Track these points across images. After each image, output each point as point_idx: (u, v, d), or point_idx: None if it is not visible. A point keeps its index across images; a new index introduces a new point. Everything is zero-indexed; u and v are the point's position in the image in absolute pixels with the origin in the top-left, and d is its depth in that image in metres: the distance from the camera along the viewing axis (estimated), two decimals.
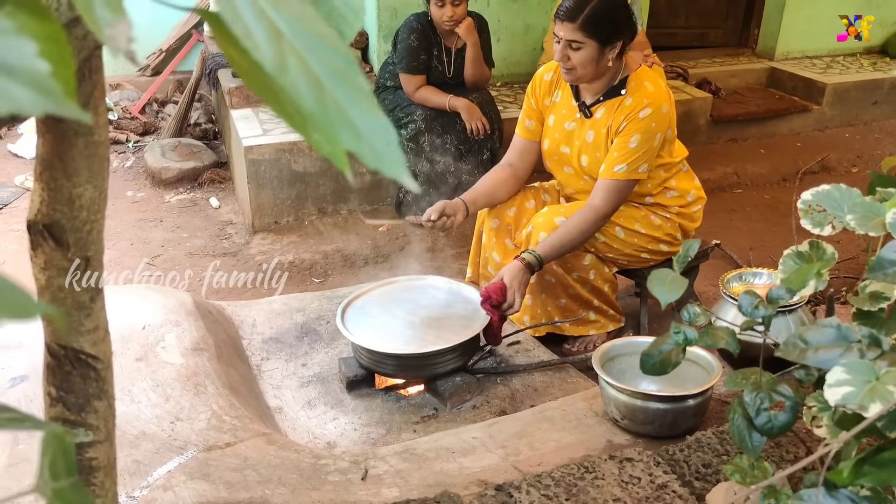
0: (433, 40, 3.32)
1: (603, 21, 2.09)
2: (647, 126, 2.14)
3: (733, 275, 1.93)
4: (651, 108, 2.14)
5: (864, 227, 0.83)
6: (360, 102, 0.31)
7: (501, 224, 2.50)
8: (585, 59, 2.11)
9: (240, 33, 0.29)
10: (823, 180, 3.88)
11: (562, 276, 2.35)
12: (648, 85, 2.18)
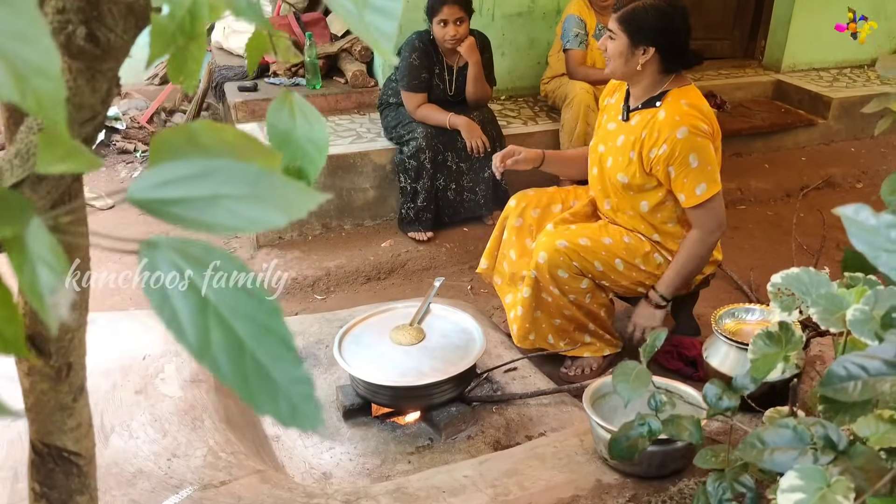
0: (435, 58, 3.34)
1: (636, 21, 2.16)
2: (693, 143, 2.16)
3: (725, 311, 1.94)
4: (686, 126, 2.16)
5: (826, 322, 0.84)
6: (282, 357, 0.34)
7: (524, 224, 2.55)
8: (615, 51, 2.21)
9: (166, 318, 0.32)
10: (828, 197, 3.89)
11: (558, 297, 2.37)
12: (682, 102, 2.20)
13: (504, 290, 2.61)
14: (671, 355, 2.50)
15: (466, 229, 3.58)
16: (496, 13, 4.13)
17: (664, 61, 2.20)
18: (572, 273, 2.32)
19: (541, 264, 2.33)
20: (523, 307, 2.41)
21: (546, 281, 2.34)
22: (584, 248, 2.31)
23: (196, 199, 0.38)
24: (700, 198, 2.21)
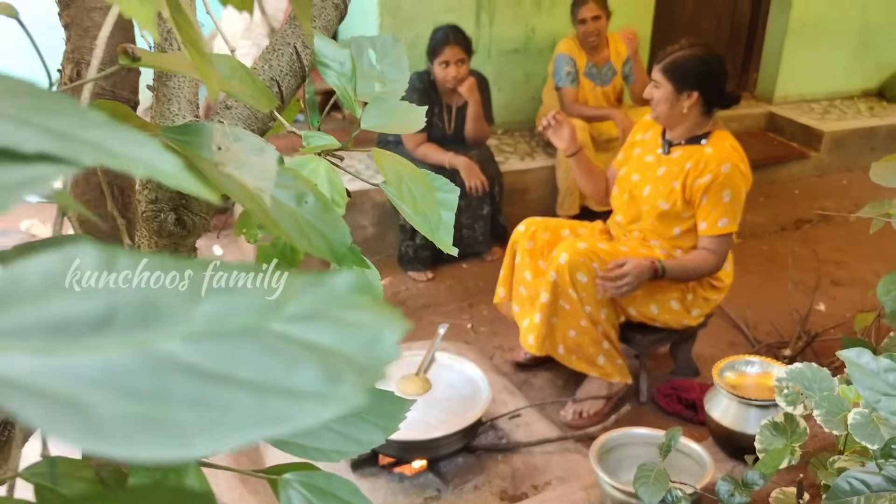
0: (434, 98, 3.38)
1: (679, 69, 2.32)
2: (732, 181, 2.34)
3: (726, 363, 1.98)
4: (731, 163, 2.34)
5: (829, 424, 0.88)
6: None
7: (535, 246, 2.62)
8: (661, 97, 2.35)
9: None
10: (821, 230, 3.94)
11: (576, 304, 2.41)
12: (728, 144, 2.40)
13: (522, 316, 2.62)
14: (671, 399, 2.53)
15: (465, 266, 3.61)
16: (492, 50, 4.19)
17: (706, 104, 2.36)
18: (591, 277, 2.38)
19: (561, 265, 2.38)
20: (541, 313, 2.45)
21: (565, 284, 2.38)
22: (602, 251, 2.43)
23: None
24: (720, 230, 2.37)
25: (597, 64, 3.82)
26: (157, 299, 0.16)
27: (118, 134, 0.19)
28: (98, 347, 0.15)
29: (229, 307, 0.17)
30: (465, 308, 3.37)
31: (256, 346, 0.17)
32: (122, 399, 0.14)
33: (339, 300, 0.19)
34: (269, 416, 0.15)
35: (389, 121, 0.61)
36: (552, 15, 4.22)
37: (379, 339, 0.19)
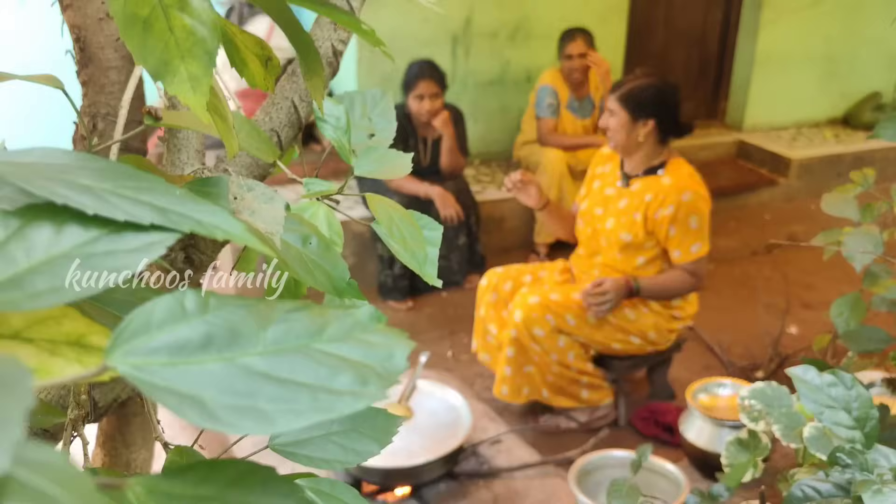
0: (409, 131, 3.47)
1: (635, 98, 2.39)
2: (696, 207, 2.40)
3: (699, 386, 2.06)
4: (690, 191, 2.39)
5: (787, 438, 0.95)
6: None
7: (499, 297, 2.68)
8: (617, 125, 2.41)
9: None
10: (791, 254, 4.07)
11: (542, 355, 2.49)
12: (685, 172, 2.45)
13: (496, 364, 2.70)
14: (649, 422, 2.60)
15: (445, 294, 3.67)
16: (469, 82, 4.30)
17: (661, 132, 2.42)
18: (548, 330, 2.44)
19: (518, 323, 2.46)
20: (510, 366, 2.52)
21: (526, 339, 2.46)
22: (555, 302, 2.46)
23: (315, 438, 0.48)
24: (694, 255, 2.44)
25: (578, 97, 3.95)
26: (238, 327, 0.23)
27: (200, 206, 0.26)
28: (203, 361, 0.22)
29: (287, 332, 0.24)
30: (446, 336, 3.43)
31: (308, 359, 0.24)
32: (224, 395, 0.21)
33: (363, 326, 0.26)
34: (321, 406, 0.22)
35: (379, 167, 0.69)
36: (526, 48, 4.36)
37: (392, 356, 0.26)
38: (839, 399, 0.79)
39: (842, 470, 0.81)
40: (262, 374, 0.22)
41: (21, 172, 0.25)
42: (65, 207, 0.24)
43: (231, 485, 0.23)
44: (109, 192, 0.25)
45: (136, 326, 0.22)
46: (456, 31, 4.21)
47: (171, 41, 0.34)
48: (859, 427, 0.79)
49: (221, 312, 0.23)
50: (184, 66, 0.34)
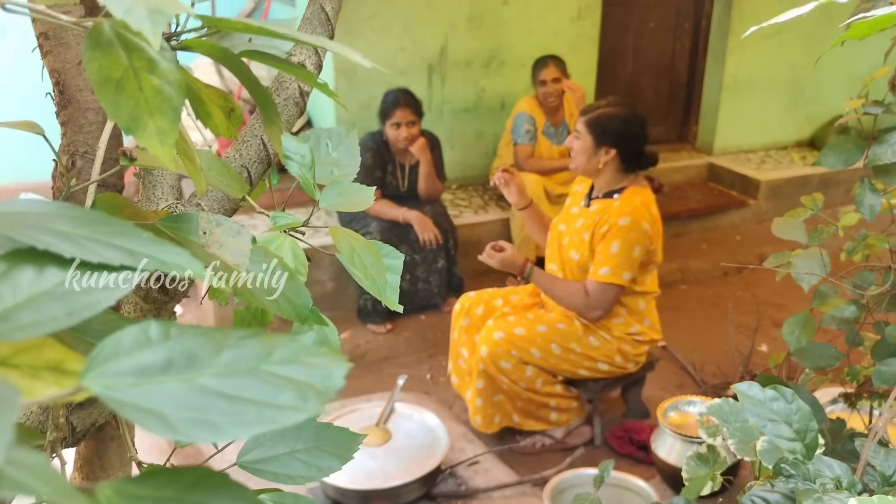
0: (387, 157, 3.53)
1: (601, 125, 2.41)
2: (625, 234, 2.37)
3: (669, 404, 2.11)
4: (631, 217, 2.38)
5: (741, 452, 1.00)
6: None
7: (471, 322, 2.73)
8: (580, 148, 2.46)
9: None
10: (761, 275, 4.15)
11: (511, 385, 2.54)
12: (637, 200, 2.43)
13: (464, 387, 2.75)
14: (624, 441, 2.64)
15: (424, 317, 3.71)
16: (445, 109, 4.38)
17: (623, 161, 2.45)
18: (514, 362, 2.49)
19: (484, 358, 2.52)
20: (481, 398, 2.57)
21: (494, 372, 2.52)
22: (519, 337, 2.50)
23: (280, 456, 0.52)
24: (601, 277, 2.41)
25: (554, 123, 4.04)
26: (196, 352, 0.28)
27: (164, 248, 0.30)
28: (164, 381, 0.26)
29: (238, 356, 0.29)
30: (424, 359, 3.46)
31: (256, 379, 0.28)
32: (181, 410, 0.25)
33: (307, 350, 0.30)
34: (266, 418, 0.26)
35: (343, 200, 0.73)
36: (501, 76, 4.45)
37: (331, 375, 0.30)
38: (780, 413, 0.84)
39: (786, 480, 0.86)
40: (215, 392, 0.26)
41: (6, 221, 0.30)
42: (45, 252, 0.28)
43: (189, 488, 0.26)
44: (84, 238, 0.29)
45: (107, 353, 0.26)
46: (431, 60, 4.29)
47: (141, 99, 0.38)
48: (799, 439, 0.84)
49: (181, 339, 0.28)
50: (152, 121, 0.38)
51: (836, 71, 5.18)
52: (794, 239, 1.30)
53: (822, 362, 1.24)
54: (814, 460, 0.90)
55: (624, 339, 2.55)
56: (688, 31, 5.15)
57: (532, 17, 4.41)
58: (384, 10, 4.10)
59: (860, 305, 1.26)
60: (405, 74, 4.20)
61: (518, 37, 4.41)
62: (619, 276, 2.40)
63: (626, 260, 2.38)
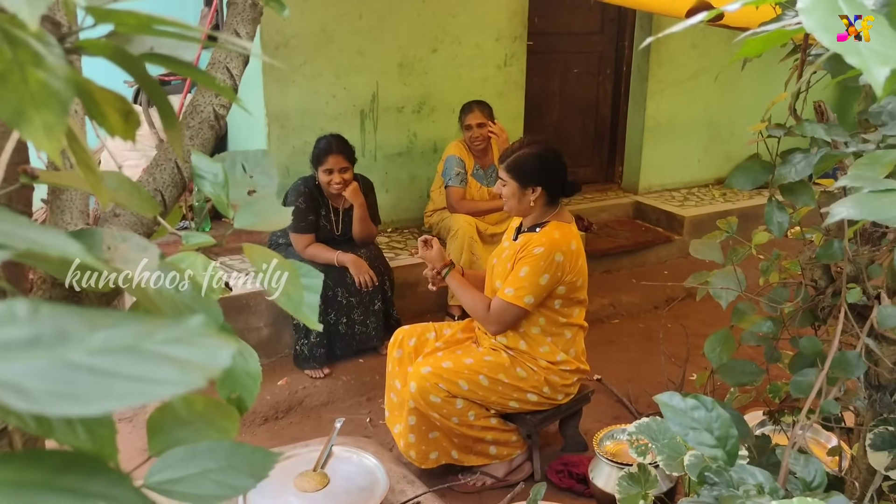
0: (321, 202, 3.52)
1: (521, 168, 2.48)
2: (536, 262, 2.42)
3: (605, 433, 2.13)
4: (544, 248, 2.43)
5: (670, 467, 1.01)
6: None
7: (404, 354, 2.73)
8: (508, 193, 2.52)
9: None
10: (690, 306, 4.27)
11: (443, 421, 2.52)
12: (556, 233, 2.48)
13: (393, 421, 2.73)
14: (563, 474, 2.64)
15: (362, 361, 3.66)
16: (378, 154, 4.42)
17: (549, 195, 2.52)
18: (443, 396, 2.49)
19: (413, 394, 2.52)
20: (414, 433, 2.56)
21: (424, 408, 2.51)
22: (446, 370, 2.51)
23: (191, 476, 0.50)
24: (504, 296, 2.48)
25: (483, 166, 4.11)
26: (67, 330, 0.26)
27: (39, 230, 0.29)
28: (29, 357, 0.25)
29: (116, 335, 0.27)
30: (363, 402, 3.40)
31: (135, 356, 0.27)
32: (45, 383, 0.24)
33: (193, 331, 0.29)
34: (139, 392, 0.25)
35: (260, 220, 0.72)
36: (431, 121, 4.52)
37: (217, 354, 0.29)
38: (701, 421, 0.86)
39: (710, 488, 0.87)
40: (86, 367, 0.25)
41: None
42: None
43: (59, 471, 0.25)
44: None
45: None
46: (363, 106, 4.33)
47: (26, 93, 0.37)
48: (721, 445, 0.85)
49: (53, 318, 0.26)
50: (38, 115, 0.37)
51: (749, 112, 5.47)
52: (710, 259, 1.34)
53: (743, 378, 1.27)
54: (737, 468, 0.92)
55: (551, 370, 2.56)
56: (609, 76, 5.36)
57: (460, 65, 4.52)
58: (315, 57, 4.13)
59: (776, 321, 1.30)
60: (338, 120, 4.23)
61: (447, 83, 4.51)
62: (521, 298, 2.45)
63: (529, 285, 2.44)
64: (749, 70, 5.37)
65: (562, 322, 2.56)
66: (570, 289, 2.52)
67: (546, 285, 2.45)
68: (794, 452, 1.00)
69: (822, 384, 1.05)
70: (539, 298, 2.47)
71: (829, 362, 1.00)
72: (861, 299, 1.16)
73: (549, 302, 2.52)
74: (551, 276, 2.44)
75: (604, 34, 5.25)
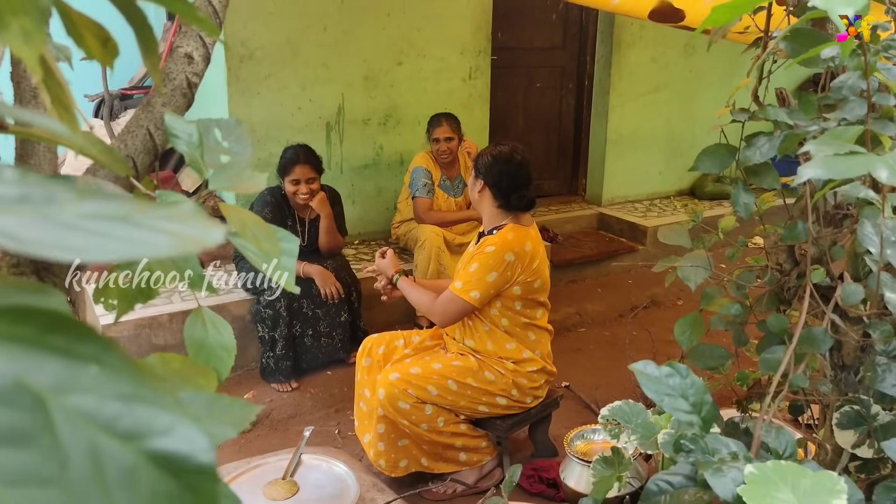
0: (287, 212, 3.49)
1: (479, 160, 2.59)
2: (486, 259, 2.45)
3: (575, 433, 2.13)
4: (496, 247, 2.45)
5: (644, 446, 1.02)
6: None
7: (373, 362, 2.71)
8: (470, 182, 2.64)
9: None
10: (654, 314, 4.33)
11: (412, 427, 2.50)
12: (510, 234, 2.50)
13: (362, 431, 2.71)
14: (533, 479, 2.63)
15: (330, 373, 3.62)
16: (344, 166, 4.41)
17: (495, 197, 2.54)
18: (412, 402, 2.47)
19: (382, 401, 2.50)
20: (384, 441, 2.54)
21: (393, 415, 2.49)
22: (415, 375, 2.50)
23: None
24: (452, 289, 2.52)
25: (449, 177, 4.13)
26: (56, 195, 0.26)
27: None
28: (18, 213, 0.24)
29: (107, 205, 0.27)
30: (332, 414, 3.35)
31: (126, 224, 0.26)
32: (40, 235, 0.23)
33: (186, 212, 0.29)
34: (135, 250, 0.25)
35: (234, 184, 0.71)
36: (397, 133, 4.54)
37: (211, 230, 0.29)
38: (676, 388, 0.87)
39: (686, 455, 0.88)
40: (77, 227, 0.24)
41: None
42: None
43: (48, 331, 0.24)
44: None
45: None
46: (329, 118, 4.33)
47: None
48: (696, 412, 0.86)
49: (41, 184, 0.26)
50: (16, 20, 0.36)
51: (708, 125, 5.60)
52: (678, 244, 1.36)
53: (712, 362, 1.29)
54: (711, 438, 0.93)
55: (518, 372, 2.56)
56: (572, 90, 5.45)
57: (425, 78, 4.55)
58: (280, 69, 4.12)
59: (744, 306, 1.32)
60: (303, 133, 4.21)
61: (413, 96, 4.53)
62: (467, 292, 2.47)
63: (477, 281, 2.46)
64: (708, 84, 5.52)
65: (524, 322, 2.58)
66: (527, 289, 2.52)
67: (494, 282, 2.47)
68: (764, 425, 1.01)
69: (791, 360, 1.07)
70: (486, 295, 2.48)
71: (797, 337, 1.02)
72: (825, 280, 1.19)
73: (508, 303, 2.53)
74: (500, 274, 2.46)
75: (566, 49, 5.34)
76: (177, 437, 0.24)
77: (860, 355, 1.25)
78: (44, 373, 0.22)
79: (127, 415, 0.23)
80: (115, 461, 0.22)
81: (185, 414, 0.24)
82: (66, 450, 0.21)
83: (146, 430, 0.24)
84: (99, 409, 0.23)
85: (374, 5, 4.28)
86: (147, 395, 0.24)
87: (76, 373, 0.23)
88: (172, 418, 0.24)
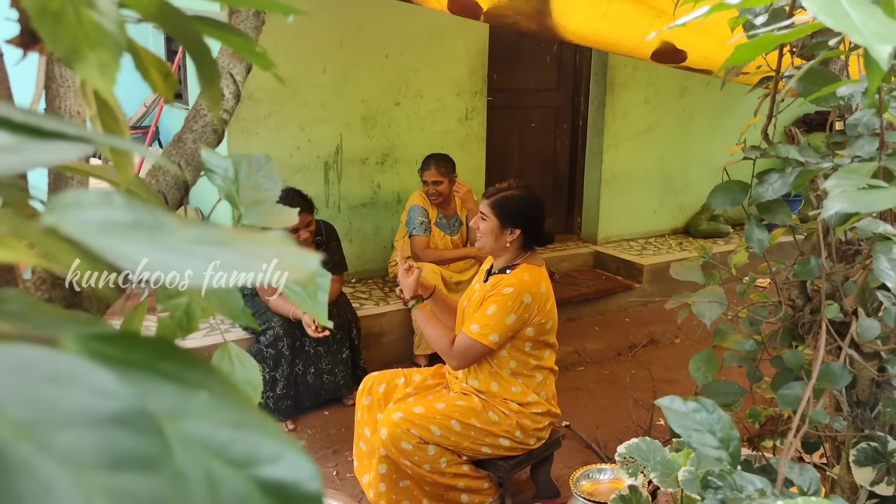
0: None
1: (506, 207, 2.48)
2: (504, 301, 2.41)
3: (581, 473, 2.11)
4: (514, 288, 2.42)
5: (664, 483, 1.01)
6: None
7: (373, 400, 2.67)
8: (486, 229, 2.52)
9: None
10: (653, 353, 4.32)
11: (414, 468, 2.46)
12: (526, 275, 2.48)
13: (362, 471, 2.66)
14: None
15: (327, 413, 3.58)
16: (342, 205, 4.42)
17: (525, 240, 2.53)
18: (415, 442, 2.44)
19: (385, 440, 2.45)
20: (385, 482, 2.49)
21: (395, 455, 2.45)
22: (418, 415, 2.47)
23: None
24: (469, 332, 2.46)
25: (446, 215, 4.16)
26: (162, 222, 0.26)
27: None
28: (133, 236, 0.24)
29: (207, 233, 0.27)
30: (329, 455, 3.30)
31: (229, 250, 0.26)
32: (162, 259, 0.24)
33: (277, 240, 0.29)
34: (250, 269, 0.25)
35: (267, 218, 0.71)
36: (395, 172, 4.57)
37: (305, 257, 0.29)
38: (703, 423, 0.86)
39: (714, 492, 0.87)
40: (189, 253, 0.24)
41: None
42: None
43: (158, 357, 0.24)
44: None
45: (68, 202, 0.24)
46: (328, 158, 4.36)
47: (81, 32, 0.37)
48: (724, 447, 0.85)
49: (146, 211, 0.26)
50: (93, 54, 0.37)
51: (701, 164, 5.67)
52: (691, 279, 1.37)
53: (727, 399, 1.28)
54: (736, 475, 0.92)
55: (522, 413, 2.54)
56: (566, 130, 5.52)
57: (422, 118, 4.61)
58: (279, 109, 4.16)
59: (757, 341, 1.33)
60: (301, 172, 4.24)
61: (410, 136, 4.57)
62: (486, 336, 2.44)
63: (496, 324, 2.43)
64: (701, 124, 5.61)
65: (533, 365, 2.55)
66: (540, 331, 2.51)
67: (512, 325, 2.44)
68: (787, 462, 1.01)
69: (809, 396, 1.07)
70: (504, 338, 2.46)
71: (815, 371, 1.02)
72: (838, 315, 1.20)
73: (519, 344, 2.51)
74: (518, 316, 2.44)
75: (560, 90, 5.43)
76: (285, 465, 0.24)
77: (875, 391, 1.25)
78: (159, 398, 0.22)
79: (237, 442, 0.23)
80: (229, 488, 0.22)
81: (290, 442, 0.24)
82: (186, 476, 0.21)
83: (255, 457, 0.23)
84: (212, 436, 0.22)
85: (373, 47, 4.34)
86: (253, 421, 0.24)
87: (188, 399, 0.23)
88: (279, 445, 0.24)
